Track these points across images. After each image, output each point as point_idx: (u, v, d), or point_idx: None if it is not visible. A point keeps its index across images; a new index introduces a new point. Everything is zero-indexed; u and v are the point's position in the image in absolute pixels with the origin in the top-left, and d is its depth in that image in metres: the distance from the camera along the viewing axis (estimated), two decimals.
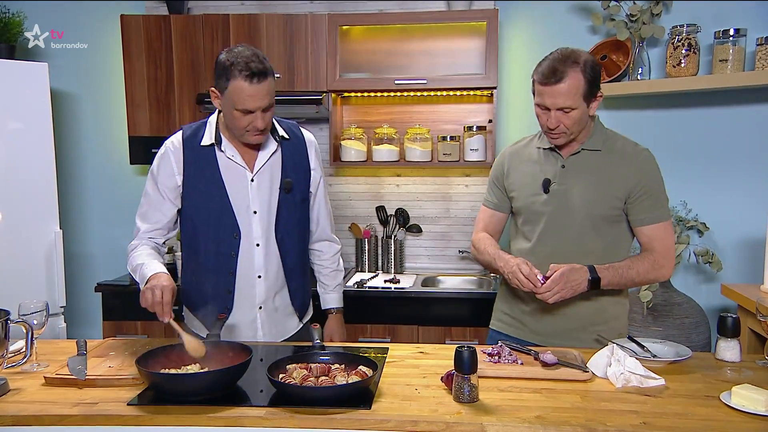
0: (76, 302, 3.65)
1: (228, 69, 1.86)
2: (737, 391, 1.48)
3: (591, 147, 1.97)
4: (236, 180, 2.03)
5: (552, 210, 1.97)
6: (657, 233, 1.95)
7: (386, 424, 1.44)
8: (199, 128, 2.06)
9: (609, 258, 1.95)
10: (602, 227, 1.96)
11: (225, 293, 2.06)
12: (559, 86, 1.83)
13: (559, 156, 1.99)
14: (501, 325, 2.15)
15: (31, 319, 1.79)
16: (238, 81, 1.84)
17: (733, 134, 3.20)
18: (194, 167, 2.02)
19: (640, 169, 1.94)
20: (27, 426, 1.49)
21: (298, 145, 2.14)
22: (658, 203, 1.95)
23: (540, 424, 1.41)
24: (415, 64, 3.40)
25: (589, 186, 1.95)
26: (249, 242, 2.05)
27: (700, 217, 3.12)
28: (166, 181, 2.03)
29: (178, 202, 2.05)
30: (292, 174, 2.10)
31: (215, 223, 2.03)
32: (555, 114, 1.87)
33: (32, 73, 3.13)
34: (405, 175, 3.60)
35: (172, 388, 1.56)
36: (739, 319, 1.82)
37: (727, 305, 3.09)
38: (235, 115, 1.90)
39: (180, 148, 2.03)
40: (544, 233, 1.99)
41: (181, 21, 3.33)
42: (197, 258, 2.08)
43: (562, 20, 3.36)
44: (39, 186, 3.15)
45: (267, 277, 2.08)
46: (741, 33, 2.91)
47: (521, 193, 2.04)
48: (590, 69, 1.86)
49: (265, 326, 2.12)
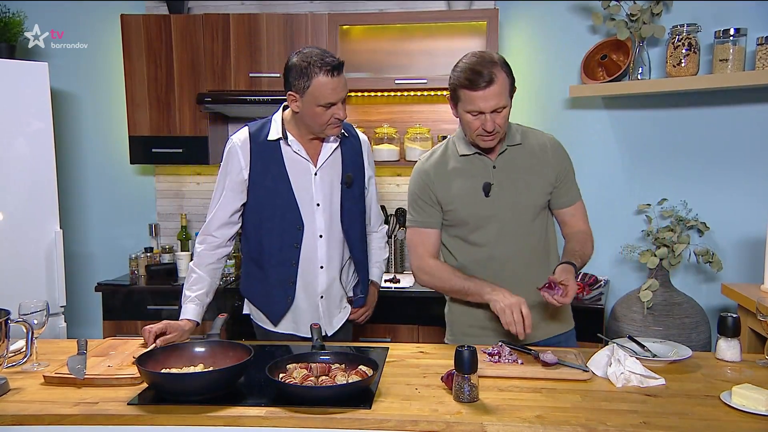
0: (76, 302, 3.65)
1: (307, 69, 1.96)
2: (737, 390, 1.48)
3: (513, 142, 2.00)
4: (300, 174, 2.12)
5: (499, 211, 1.97)
6: (579, 212, 2.08)
7: (386, 423, 1.44)
8: (265, 124, 2.15)
9: (549, 242, 2.07)
10: (540, 215, 2.03)
11: (288, 284, 2.15)
12: (492, 88, 1.83)
13: (486, 158, 1.99)
14: (471, 340, 1.97)
15: (31, 319, 1.79)
16: (319, 77, 1.95)
17: (734, 134, 3.20)
18: (261, 161, 2.10)
19: (558, 155, 2.03)
20: (27, 425, 1.50)
21: (354, 143, 2.24)
22: (574, 184, 2.07)
23: (540, 423, 1.41)
24: (415, 63, 3.39)
25: (522, 178, 1.98)
26: (312, 234, 2.13)
27: (701, 216, 3.12)
28: (236, 175, 2.10)
29: (244, 195, 2.13)
30: (351, 169, 2.19)
31: (280, 215, 2.11)
32: (491, 116, 1.85)
33: (32, 73, 3.13)
34: (405, 174, 3.59)
35: (172, 387, 1.56)
36: (739, 319, 1.82)
37: (727, 305, 3.08)
38: (317, 112, 1.99)
39: (247, 143, 2.10)
40: (499, 234, 1.98)
41: (181, 21, 3.33)
42: (261, 250, 2.15)
43: (563, 20, 3.36)
44: (39, 185, 3.15)
45: (329, 269, 2.16)
46: (741, 33, 2.91)
47: (461, 203, 1.99)
48: (506, 65, 1.89)
49: (326, 315, 2.20)
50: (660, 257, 2.99)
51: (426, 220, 2.05)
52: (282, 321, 2.19)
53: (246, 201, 2.14)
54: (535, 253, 2.02)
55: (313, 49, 2.00)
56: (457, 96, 1.89)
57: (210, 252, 2.12)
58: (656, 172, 3.29)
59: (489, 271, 1.98)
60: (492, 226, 1.98)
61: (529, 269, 1.99)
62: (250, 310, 2.28)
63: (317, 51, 1.99)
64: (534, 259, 2.01)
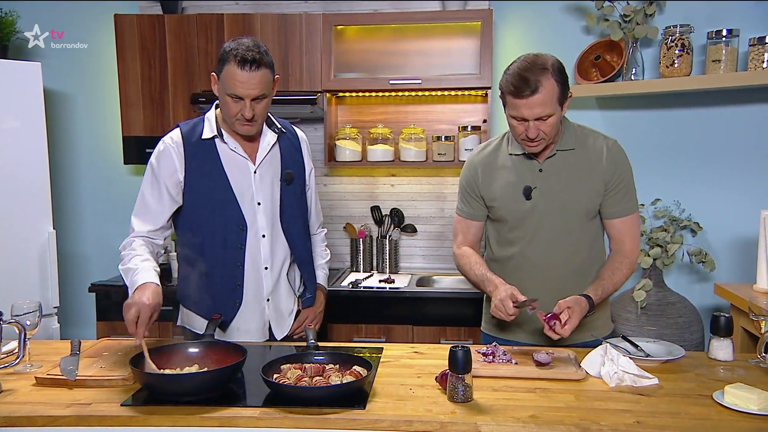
0: (69, 303, 3.64)
1: (226, 54, 1.92)
2: (730, 390, 1.49)
3: (565, 147, 1.97)
4: (239, 172, 2.05)
5: (538, 214, 1.97)
6: (626, 227, 1.99)
7: (381, 423, 1.44)
8: (197, 123, 2.07)
9: (593, 251, 2.01)
10: (586, 223, 1.99)
11: (235, 287, 2.06)
12: (536, 97, 1.80)
13: (535, 161, 1.98)
14: (492, 329, 2.14)
15: (24, 320, 1.78)
16: (231, 65, 1.89)
17: (726, 134, 3.21)
18: (196, 161, 2.02)
19: (613, 161, 1.97)
20: (20, 427, 1.49)
21: (293, 139, 2.19)
22: (628, 194, 1.99)
23: (534, 423, 1.41)
24: (409, 64, 3.39)
25: (570, 185, 1.96)
26: (255, 234, 2.06)
27: (694, 216, 3.13)
28: (168, 177, 2.01)
29: (179, 198, 2.04)
30: (291, 166, 2.14)
31: (220, 216, 2.03)
32: (534, 124, 1.84)
33: (25, 73, 3.12)
34: (400, 175, 3.60)
35: (165, 388, 1.55)
36: (731, 319, 1.82)
37: (720, 304, 3.10)
38: (227, 101, 1.95)
39: (180, 143, 2.03)
40: (534, 237, 1.99)
41: (175, 21, 3.32)
42: (202, 254, 2.05)
43: (556, 20, 3.37)
44: (32, 186, 3.14)
45: (273, 269, 2.10)
46: (734, 33, 2.93)
47: (503, 201, 2.01)
48: (558, 71, 1.84)
49: (273, 319, 2.13)
50: (653, 257, 3.00)
51: (470, 212, 2.11)
52: (228, 328, 2.07)
53: (182, 204, 2.04)
54: (574, 262, 1.98)
55: (247, 41, 1.92)
56: (504, 100, 1.89)
57: (143, 244, 1.98)
58: (649, 173, 3.29)
59: (521, 272, 2.00)
60: (530, 228, 1.98)
61: (565, 276, 1.97)
62: (188, 319, 2.12)
63: (248, 43, 1.91)
64: (572, 267, 1.98)
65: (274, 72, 1.98)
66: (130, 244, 1.99)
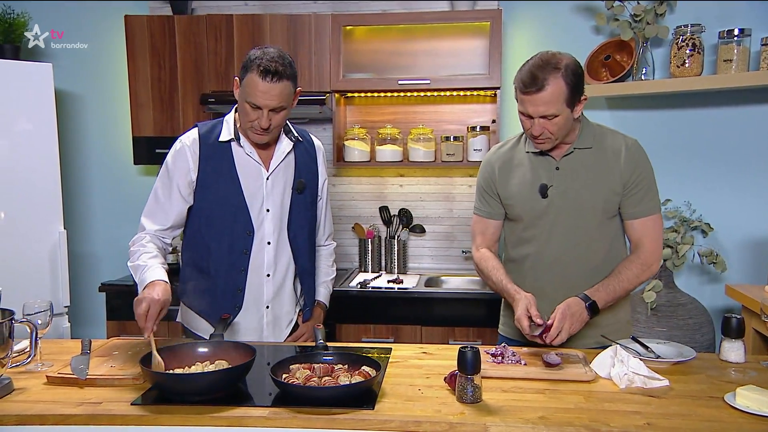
0: (80, 302, 3.66)
1: (250, 61, 1.92)
2: (741, 392, 1.48)
3: (582, 146, 1.96)
4: (251, 177, 2.05)
5: (554, 212, 1.96)
6: (647, 228, 1.95)
7: (389, 424, 1.44)
8: (216, 125, 2.08)
9: (612, 252, 1.98)
10: (604, 222, 1.97)
11: (236, 291, 2.07)
12: (540, 95, 1.79)
13: (551, 159, 1.97)
14: (509, 330, 2.12)
15: (35, 319, 1.79)
16: (253, 74, 1.89)
17: (738, 134, 3.19)
18: (210, 163, 2.03)
19: (632, 160, 1.94)
20: (31, 425, 1.50)
21: (309, 148, 2.19)
22: (648, 195, 1.95)
23: (543, 424, 1.40)
24: (418, 64, 3.39)
25: (587, 183, 1.94)
26: (260, 240, 2.06)
27: (705, 217, 3.11)
28: (182, 177, 2.03)
29: (190, 199, 2.05)
30: (304, 175, 2.14)
31: (229, 220, 2.04)
32: (538, 121, 1.83)
33: (37, 74, 3.14)
34: (408, 175, 3.60)
35: (175, 387, 1.56)
36: (743, 320, 1.81)
37: (731, 306, 3.08)
38: (245, 108, 1.95)
39: (197, 144, 2.04)
40: (550, 236, 1.98)
41: (184, 21, 3.34)
42: (207, 256, 2.07)
43: (566, 20, 3.36)
44: (43, 186, 3.16)
45: (275, 277, 2.10)
46: (745, 33, 2.91)
47: (519, 200, 2.00)
48: (571, 73, 1.81)
49: (270, 326, 2.13)
50: (664, 258, 2.98)
51: (484, 209, 2.11)
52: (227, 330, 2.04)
53: (191, 205, 2.06)
54: (591, 261, 1.95)
55: (272, 50, 1.93)
56: (516, 94, 1.89)
57: (152, 241, 2.01)
58: (660, 173, 3.22)
59: (537, 271, 1.99)
60: (545, 226, 1.97)
61: (581, 275, 1.95)
62: (187, 318, 2.15)
63: (273, 53, 1.91)
64: (589, 267, 1.96)
65: (296, 84, 1.98)
66: (140, 240, 2.01)
